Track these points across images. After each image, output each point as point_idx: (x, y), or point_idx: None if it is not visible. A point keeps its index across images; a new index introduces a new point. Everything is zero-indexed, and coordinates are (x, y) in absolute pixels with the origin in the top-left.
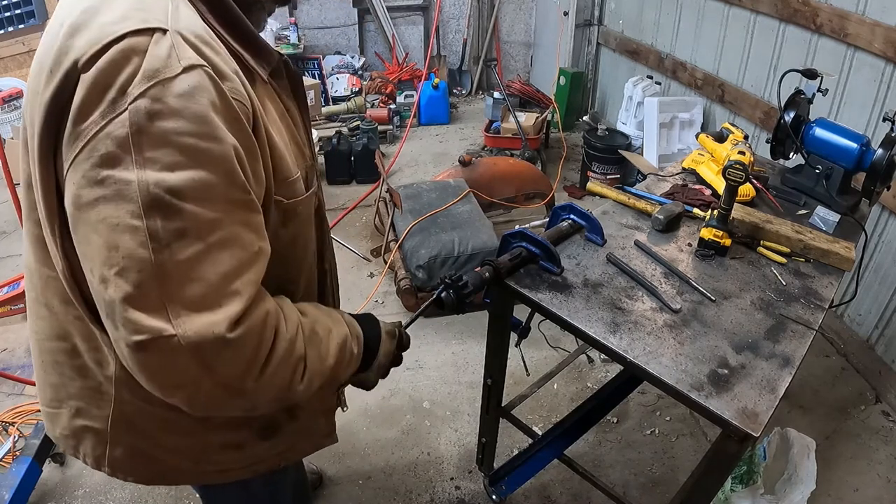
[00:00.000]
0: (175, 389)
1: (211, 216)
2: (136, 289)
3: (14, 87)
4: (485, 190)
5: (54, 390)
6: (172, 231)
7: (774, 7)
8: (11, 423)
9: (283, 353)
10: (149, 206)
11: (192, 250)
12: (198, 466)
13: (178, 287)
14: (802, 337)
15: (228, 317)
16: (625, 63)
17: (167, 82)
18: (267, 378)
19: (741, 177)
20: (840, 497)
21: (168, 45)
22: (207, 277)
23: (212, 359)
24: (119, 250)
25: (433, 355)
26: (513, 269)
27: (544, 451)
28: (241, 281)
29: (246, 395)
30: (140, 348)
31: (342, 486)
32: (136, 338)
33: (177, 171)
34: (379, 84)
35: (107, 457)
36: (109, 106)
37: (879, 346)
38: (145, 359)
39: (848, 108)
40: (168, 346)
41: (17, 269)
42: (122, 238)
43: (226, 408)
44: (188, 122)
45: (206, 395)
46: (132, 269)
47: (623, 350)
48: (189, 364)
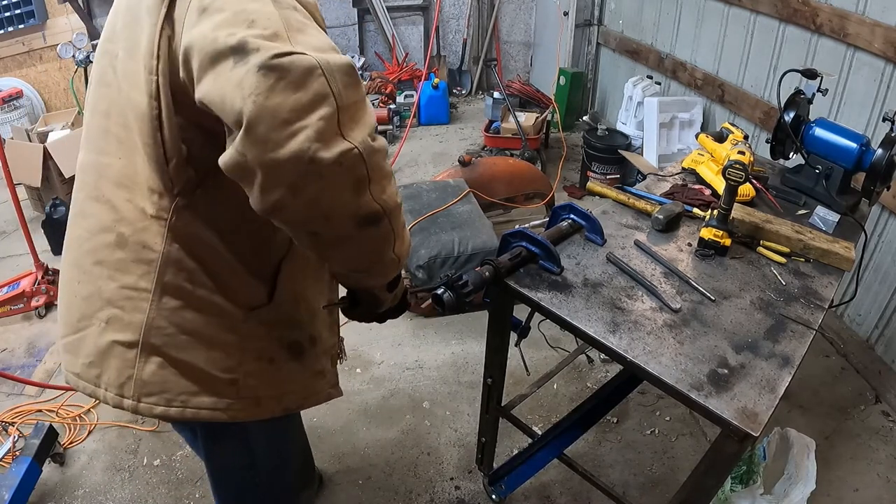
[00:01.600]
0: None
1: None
2: (267, 31)
3: (14, 87)
4: (485, 190)
5: (86, 303)
6: (289, 2)
7: (774, 7)
8: (11, 423)
9: (385, 145)
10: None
11: (304, 19)
12: (233, 388)
13: (301, 34)
14: (802, 337)
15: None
16: (625, 63)
17: None
18: (379, 146)
19: (741, 177)
20: (840, 497)
21: None
22: (320, 37)
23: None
24: (247, 12)
25: (433, 355)
26: (513, 269)
27: (544, 451)
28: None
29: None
30: (275, 62)
31: (342, 486)
32: (273, 51)
33: None
34: (379, 84)
35: (134, 379)
36: None
37: (879, 346)
38: (279, 76)
39: (848, 108)
40: (303, 61)
41: (17, 269)
42: (249, 4)
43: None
44: None
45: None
46: (261, 19)
47: (623, 350)
48: (319, 83)
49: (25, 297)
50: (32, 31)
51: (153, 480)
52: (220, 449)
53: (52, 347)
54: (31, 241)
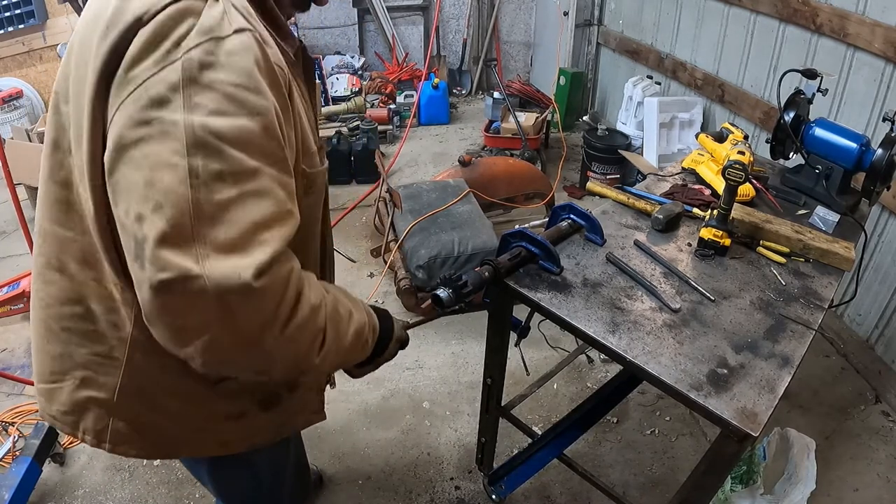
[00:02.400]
0: (193, 336)
1: (249, 164)
2: (170, 225)
3: (14, 87)
4: (485, 190)
5: (58, 362)
6: (212, 172)
7: (774, 7)
8: (11, 423)
9: (305, 317)
10: (192, 145)
11: (228, 193)
12: (199, 436)
13: (210, 227)
14: (802, 337)
15: (255, 264)
16: (625, 63)
17: (219, 40)
18: (287, 338)
19: (741, 177)
20: (840, 497)
21: (221, 10)
22: (239, 221)
23: (234, 304)
24: (157, 186)
25: (433, 355)
26: (512, 269)
27: (544, 451)
28: (271, 233)
29: (264, 351)
30: (164, 288)
31: (342, 486)
32: (163, 276)
33: (222, 117)
34: (379, 84)
35: (109, 430)
36: (164, 55)
37: (879, 346)
38: (168, 301)
39: (848, 108)
40: (193, 287)
41: (17, 269)
42: (163, 174)
43: (241, 363)
44: (236, 75)
45: (225, 345)
46: (168, 205)
47: (622, 350)
48: (211, 307)
49: (25, 297)
50: (32, 31)
51: (153, 480)
52: (220, 474)
53: None
54: (32, 241)
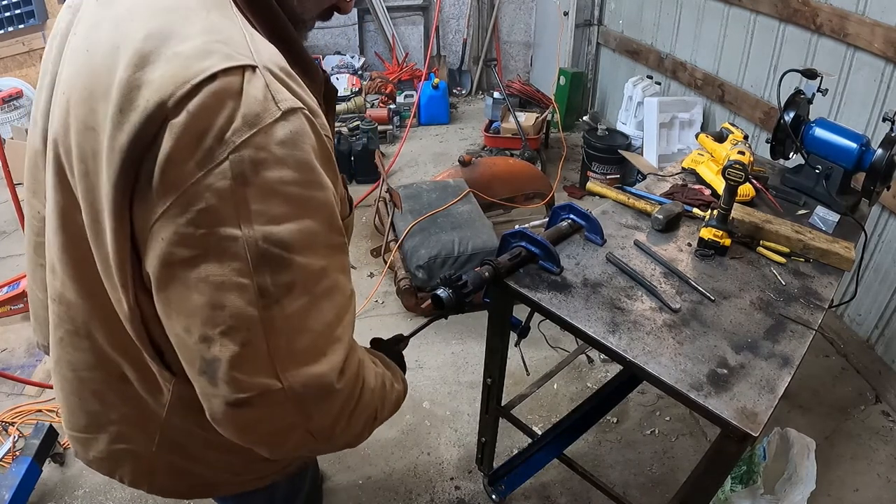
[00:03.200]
0: (263, 438)
1: (317, 266)
2: (244, 347)
3: (14, 88)
4: (485, 190)
5: (92, 417)
6: (282, 286)
7: (774, 7)
8: (11, 423)
9: (365, 404)
10: (258, 262)
11: (300, 303)
12: (238, 478)
13: (285, 341)
14: (802, 337)
15: (333, 366)
16: (625, 63)
17: (269, 128)
18: (350, 426)
19: (741, 177)
20: (840, 497)
21: (262, 86)
22: (314, 328)
23: (312, 408)
24: (225, 309)
25: (433, 355)
26: (512, 269)
27: (544, 451)
28: (342, 327)
29: (331, 440)
30: (243, 404)
31: (342, 486)
32: (241, 395)
33: (284, 223)
34: (379, 84)
35: (146, 480)
36: (206, 155)
37: (879, 346)
38: (246, 414)
39: (848, 108)
40: (273, 400)
41: (17, 269)
42: (229, 297)
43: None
44: (293, 171)
45: (295, 442)
46: (240, 329)
47: (622, 350)
48: (290, 414)
49: (25, 297)
50: (32, 31)
51: None
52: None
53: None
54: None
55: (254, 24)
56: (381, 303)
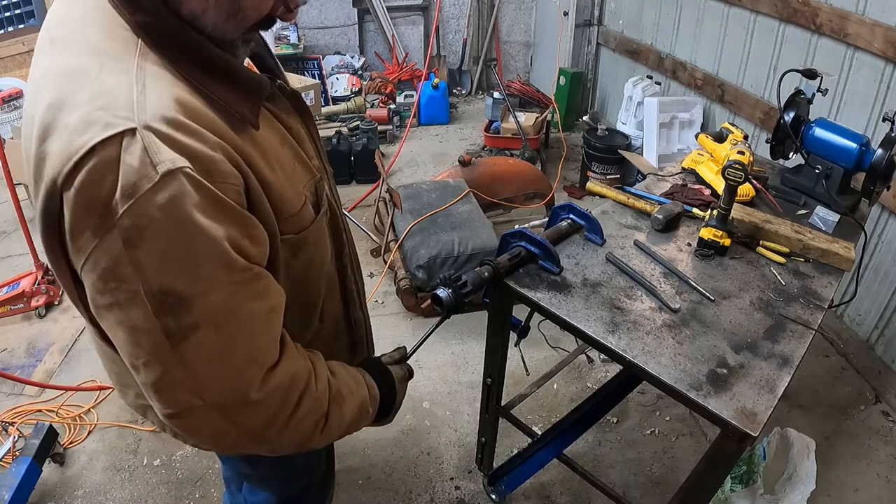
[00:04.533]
0: (205, 440)
1: (218, 306)
2: (163, 377)
3: (14, 88)
4: (485, 190)
5: (118, 377)
6: (185, 326)
7: (774, 7)
8: (11, 423)
9: (308, 410)
10: (158, 310)
11: (208, 338)
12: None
13: (200, 370)
14: (802, 337)
15: (250, 382)
16: (625, 63)
17: (147, 195)
18: (290, 429)
19: (740, 177)
20: (840, 497)
21: (140, 151)
22: (226, 355)
23: (237, 416)
24: (142, 347)
25: (433, 355)
26: (512, 269)
27: (544, 451)
28: (258, 349)
29: (269, 443)
30: (173, 417)
31: (342, 486)
32: (168, 411)
33: (176, 278)
34: (379, 84)
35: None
36: (98, 225)
37: (879, 346)
38: (179, 423)
39: (848, 108)
40: (198, 413)
41: (17, 269)
42: (142, 338)
43: (250, 450)
44: (176, 228)
45: (233, 442)
46: (156, 362)
47: (622, 350)
48: (218, 422)
49: (25, 297)
50: (32, 31)
51: (153, 480)
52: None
53: (53, 347)
54: (31, 241)
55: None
56: (381, 303)
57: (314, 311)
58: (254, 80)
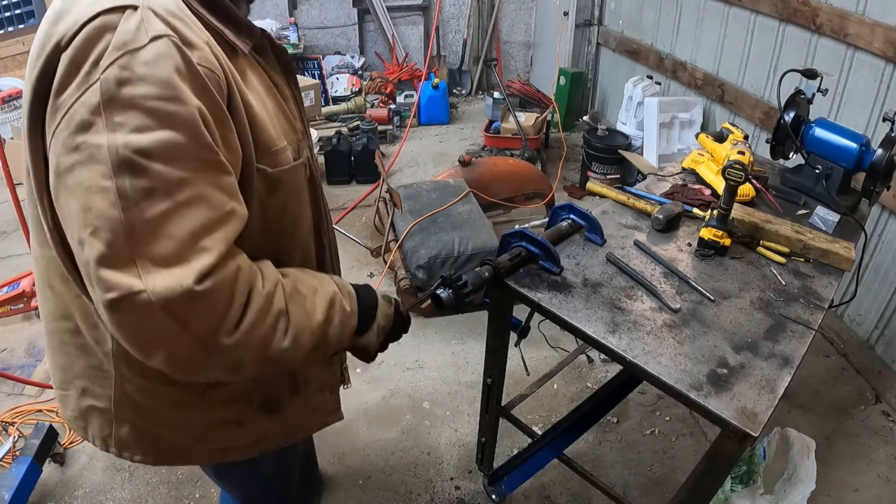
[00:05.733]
0: (153, 348)
1: (178, 175)
2: (108, 247)
3: (14, 87)
4: (485, 190)
5: (62, 372)
6: (141, 190)
7: (774, 7)
8: (11, 423)
9: (259, 308)
10: (118, 167)
11: (160, 208)
12: (200, 445)
13: (146, 244)
14: (802, 337)
15: (196, 270)
16: (625, 63)
17: (135, 52)
18: (243, 333)
19: (741, 177)
20: (840, 497)
21: (137, 20)
22: (175, 234)
23: (182, 313)
24: (92, 211)
25: (433, 355)
26: (512, 269)
27: (544, 451)
28: (211, 238)
29: (223, 352)
30: (114, 307)
31: (342, 486)
32: (109, 296)
33: (144, 133)
34: (379, 84)
35: (113, 437)
36: (84, 78)
37: (879, 346)
38: (120, 318)
39: (848, 108)
40: (139, 303)
41: (17, 269)
42: (95, 199)
43: (206, 367)
44: (154, 87)
45: (184, 353)
46: (103, 228)
47: (622, 350)
48: (161, 320)
49: (25, 297)
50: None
51: (153, 480)
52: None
53: None
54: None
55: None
56: None
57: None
58: (248, 24)
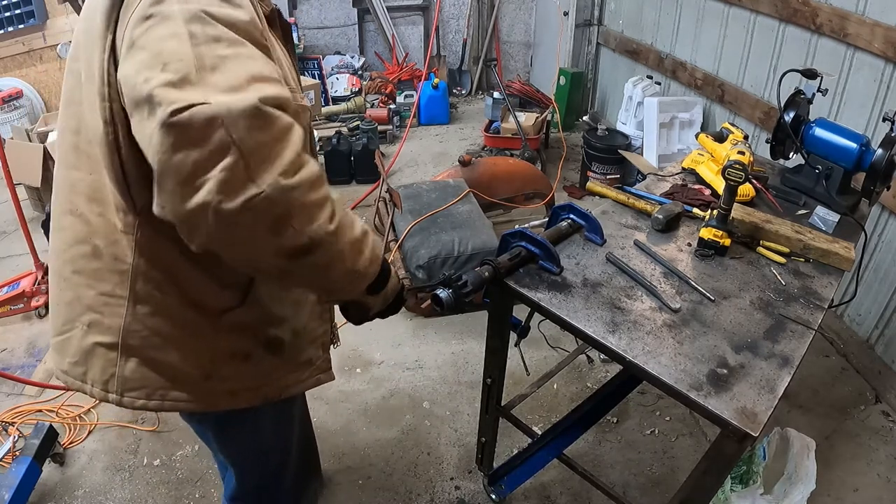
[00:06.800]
0: (202, 172)
1: (240, 38)
2: (176, 76)
3: (14, 88)
4: (485, 190)
5: (69, 309)
6: (209, 35)
7: (774, 7)
8: (11, 423)
9: (311, 173)
10: (189, 19)
11: (226, 51)
12: (207, 382)
13: (212, 74)
14: (802, 337)
15: (259, 94)
16: (625, 63)
17: None
18: (296, 181)
19: (741, 177)
20: (840, 497)
21: None
22: (238, 71)
23: (242, 130)
24: (163, 53)
25: (433, 355)
26: (512, 269)
27: (544, 451)
28: (271, 84)
29: (274, 191)
30: (174, 121)
31: (342, 486)
32: (172, 107)
33: (213, 6)
34: (379, 84)
35: (116, 377)
36: None
37: (879, 346)
38: (179, 133)
39: (848, 108)
40: (202, 114)
41: (17, 269)
42: (167, 43)
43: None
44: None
45: (236, 179)
46: (173, 61)
47: (622, 350)
48: (220, 134)
49: (25, 297)
50: (32, 31)
51: (153, 480)
52: (227, 436)
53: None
54: (31, 241)
55: None
56: None
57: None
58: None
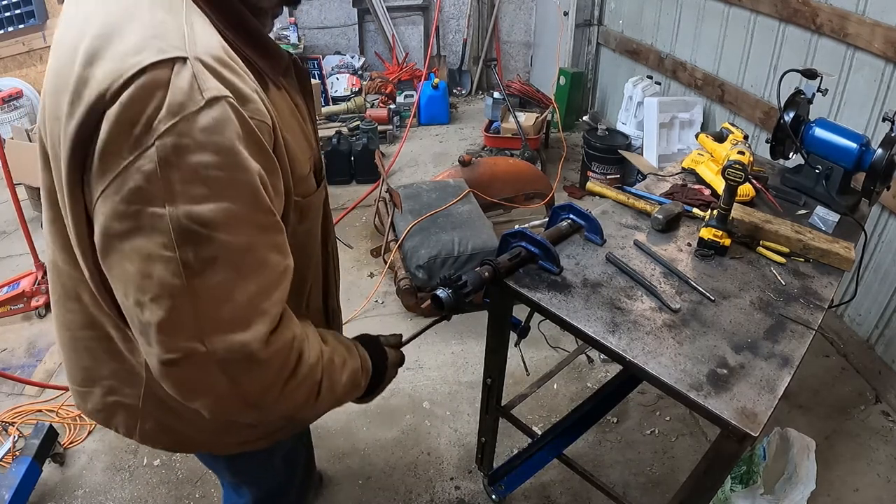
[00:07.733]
0: (198, 398)
1: (240, 243)
2: (170, 313)
3: (14, 88)
4: (485, 190)
5: (86, 372)
6: (204, 259)
7: (774, 7)
8: (11, 423)
9: (303, 376)
10: (180, 238)
11: (222, 276)
12: (220, 439)
13: (209, 310)
14: (802, 337)
15: (257, 336)
16: (625, 63)
17: (192, 117)
18: (285, 396)
19: (741, 177)
20: (840, 497)
21: (189, 76)
22: (238, 300)
23: (239, 374)
24: (153, 279)
25: (433, 355)
26: (512, 269)
27: (544, 451)
28: (270, 301)
29: (263, 409)
30: (172, 364)
31: (342, 486)
32: (169, 356)
33: (205, 203)
34: (379, 84)
35: (138, 429)
36: (136, 141)
37: (879, 346)
38: (176, 373)
39: (848, 108)
40: (199, 362)
41: (17, 269)
42: (156, 267)
43: (240, 416)
44: (214, 156)
45: (226, 405)
46: (165, 296)
47: (622, 350)
48: (217, 378)
49: (25, 297)
50: (32, 31)
51: (153, 480)
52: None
53: (53, 347)
54: (31, 241)
55: (210, 16)
56: (381, 303)
57: (302, 297)
58: (277, 50)
